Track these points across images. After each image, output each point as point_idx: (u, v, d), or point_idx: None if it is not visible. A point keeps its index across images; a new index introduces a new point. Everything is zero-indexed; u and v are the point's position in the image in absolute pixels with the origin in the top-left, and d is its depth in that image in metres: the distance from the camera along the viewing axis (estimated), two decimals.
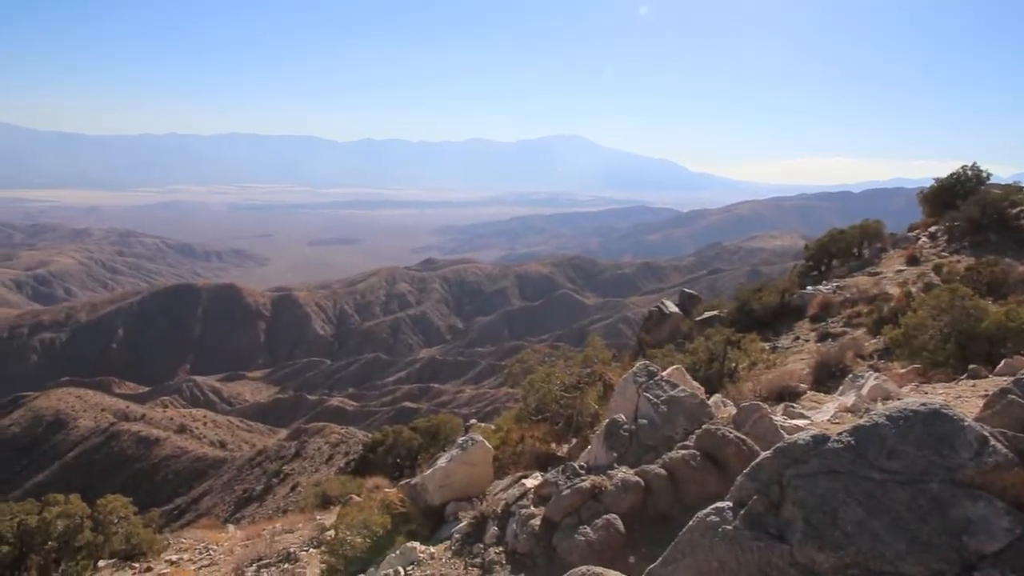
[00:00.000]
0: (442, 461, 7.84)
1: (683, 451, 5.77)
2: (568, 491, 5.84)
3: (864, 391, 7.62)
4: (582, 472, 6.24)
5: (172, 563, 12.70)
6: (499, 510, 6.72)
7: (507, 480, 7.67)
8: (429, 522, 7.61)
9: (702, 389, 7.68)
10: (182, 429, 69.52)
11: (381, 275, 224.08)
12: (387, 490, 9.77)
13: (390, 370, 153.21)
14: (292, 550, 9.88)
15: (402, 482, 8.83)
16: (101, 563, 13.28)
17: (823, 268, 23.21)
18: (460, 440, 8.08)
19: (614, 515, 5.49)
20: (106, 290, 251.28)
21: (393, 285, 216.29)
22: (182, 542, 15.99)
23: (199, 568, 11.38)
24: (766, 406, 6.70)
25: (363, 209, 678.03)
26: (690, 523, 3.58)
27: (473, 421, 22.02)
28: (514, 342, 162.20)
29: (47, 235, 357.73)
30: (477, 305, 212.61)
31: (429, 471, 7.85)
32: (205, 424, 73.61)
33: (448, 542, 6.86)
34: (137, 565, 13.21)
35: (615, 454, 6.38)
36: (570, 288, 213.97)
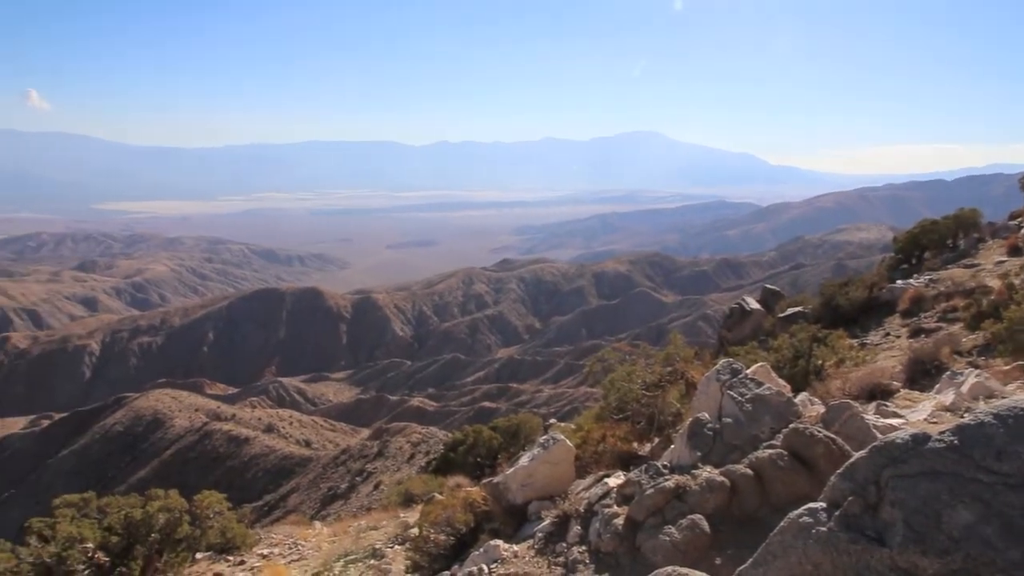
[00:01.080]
0: (524, 460, 7.85)
1: (770, 451, 5.63)
2: (652, 491, 5.78)
3: (964, 389, 7.26)
4: (665, 472, 6.15)
5: (264, 557, 13.15)
6: (582, 509, 6.69)
7: (589, 479, 7.63)
8: (512, 520, 7.64)
9: (788, 387, 7.46)
10: (270, 428, 71.83)
11: (458, 276, 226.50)
12: (469, 489, 9.86)
13: (469, 370, 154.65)
14: (377, 546, 10.08)
15: (484, 481, 8.89)
16: (199, 555, 13.86)
17: (914, 261, 22.17)
18: (541, 439, 8.07)
19: (699, 515, 5.41)
20: (196, 295, 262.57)
21: (470, 286, 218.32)
22: (272, 537, 16.54)
23: (289, 562, 11.72)
24: (857, 405, 6.45)
25: (439, 211, 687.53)
26: (781, 524, 3.47)
27: (552, 420, 22.02)
28: (592, 341, 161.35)
29: (143, 244, 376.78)
30: (554, 304, 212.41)
31: (511, 470, 7.88)
32: (291, 424, 75.89)
33: (531, 541, 6.87)
34: (231, 558, 13.74)
35: (699, 453, 6.27)
36: (648, 286, 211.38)
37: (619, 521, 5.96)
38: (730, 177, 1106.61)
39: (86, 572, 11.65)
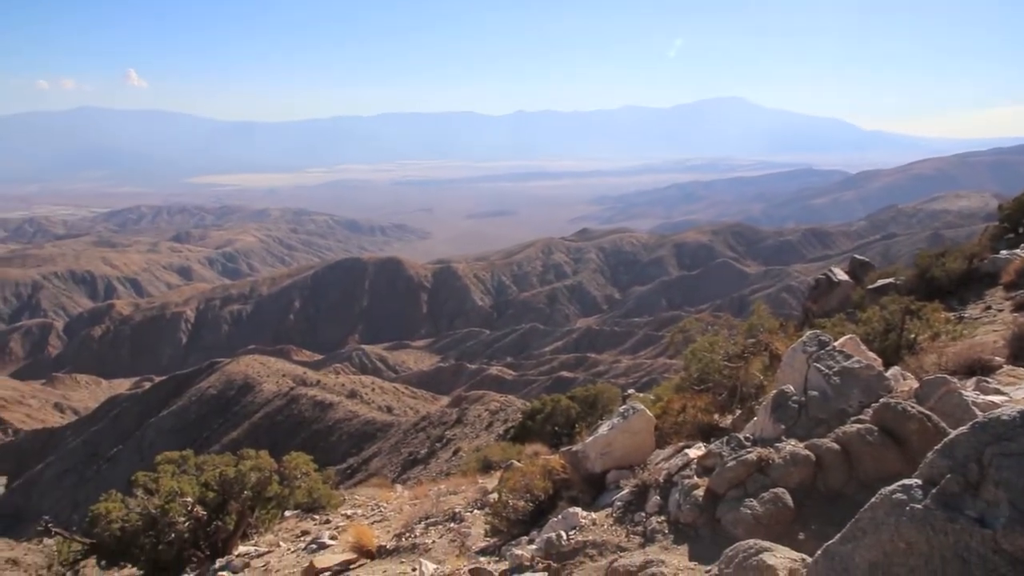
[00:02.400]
0: (603, 429, 7.84)
1: (858, 425, 5.45)
2: (733, 463, 5.68)
3: None
4: (748, 444, 6.04)
5: (348, 517, 13.62)
6: (661, 480, 6.65)
7: (669, 450, 7.56)
8: (590, 489, 7.65)
9: (879, 361, 7.18)
10: (353, 394, 73.96)
11: (537, 246, 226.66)
12: (548, 456, 9.92)
13: (547, 340, 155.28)
14: (457, 510, 10.27)
15: (563, 449, 8.92)
16: (287, 513, 14.49)
17: (1022, 230, 20.85)
18: (621, 409, 8.03)
19: (782, 489, 5.29)
20: (283, 265, 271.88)
21: (549, 256, 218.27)
22: (356, 498, 17.11)
23: (372, 523, 12.09)
24: (954, 380, 6.15)
25: (518, 181, 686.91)
26: (873, 500, 3.35)
27: (631, 391, 21.90)
28: (671, 312, 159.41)
29: (233, 216, 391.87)
30: (633, 275, 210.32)
31: (590, 439, 7.88)
32: (373, 390, 77.93)
33: (609, 509, 6.87)
34: (317, 517, 14.30)
35: (783, 427, 6.12)
36: (730, 256, 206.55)
37: (699, 493, 5.90)
38: (817, 143, 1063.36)
39: (186, 524, 12.36)
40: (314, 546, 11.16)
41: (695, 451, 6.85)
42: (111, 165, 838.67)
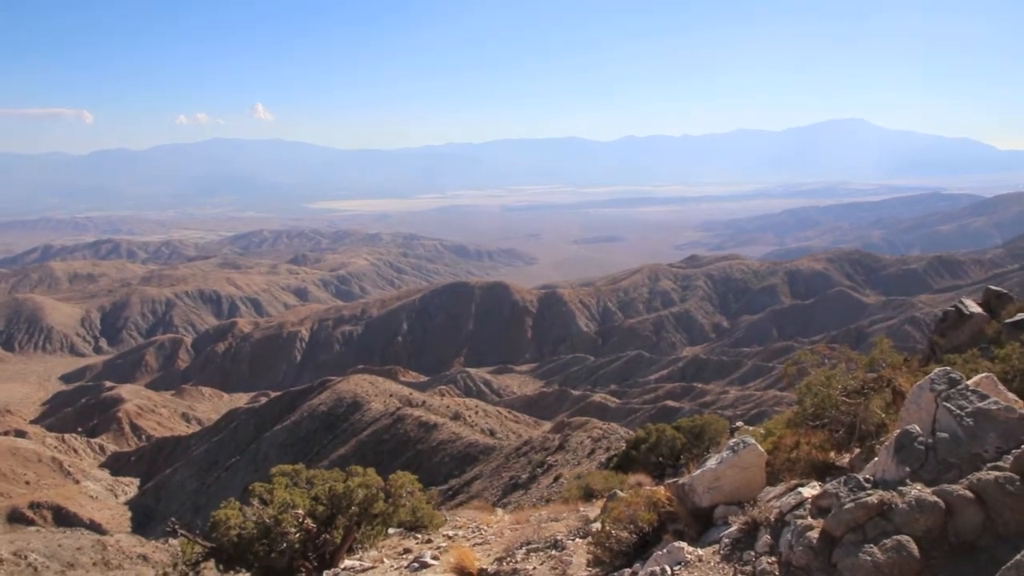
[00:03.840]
0: (712, 462, 7.61)
1: (996, 472, 5.05)
2: (851, 504, 5.38)
3: None
4: (867, 486, 5.70)
5: (449, 538, 13.77)
6: (772, 518, 6.37)
7: (780, 487, 7.25)
8: (696, 523, 7.43)
9: (1021, 403, 6.65)
10: (457, 416, 74.93)
11: (644, 272, 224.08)
12: (653, 488, 9.71)
13: (652, 368, 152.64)
14: (559, 538, 10.19)
15: (669, 481, 8.72)
16: (391, 531, 14.80)
17: None
18: (731, 442, 7.78)
19: (907, 537, 4.96)
20: (393, 288, 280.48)
21: (656, 282, 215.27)
22: (457, 520, 17.30)
23: (473, 545, 12.16)
24: None
25: (625, 207, 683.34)
26: (1017, 558, 3.08)
27: (739, 423, 21.20)
28: (783, 342, 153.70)
29: (347, 240, 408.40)
30: (743, 303, 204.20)
31: (698, 472, 7.66)
32: (477, 413, 78.74)
33: (716, 546, 6.65)
34: (419, 536, 14.54)
35: (907, 469, 5.74)
36: (847, 285, 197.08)
37: (813, 534, 5.61)
38: (946, 166, 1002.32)
39: (296, 535, 12.83)
40: (416, 565, 11.32)
41: (809, 490, 6.54)
42: (238, 191, 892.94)
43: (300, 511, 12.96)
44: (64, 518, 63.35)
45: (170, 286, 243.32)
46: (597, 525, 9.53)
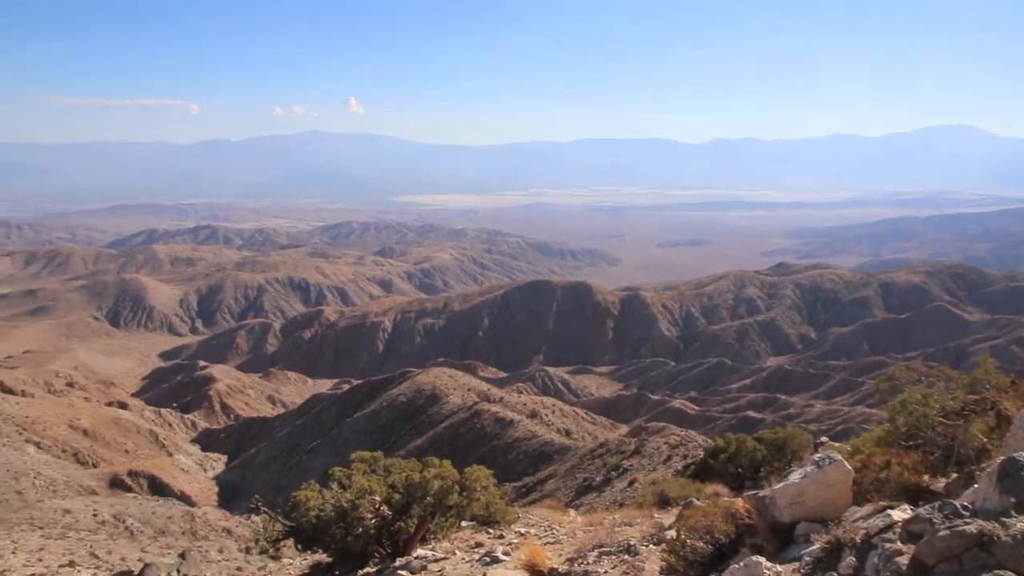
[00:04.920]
0: (795, 477, 7.35)
1: None
2: (947, 532, 5.08)
3: None
4: (965, 514, 5.39)
5: (521, 535, 13.79)
6: (858, 539, 6.10)
7: (868, 508, 6.94)
8: (776, 539, 7.19)
9: None
10: (533, 414, 75.05)
11: (729, 278, 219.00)
12: (732, 499, 9.46)
13: (734, 376, 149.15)
14: (632, 543, 10.05)
15: (749, 493, 8.47)
16: (464, 523, 14.95)
17: None
18: (816, 457, 7.49)
19: (1010, 572, 4.65)
20: (475, 283, 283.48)
21: (741, 289, 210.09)
22: (529, 517, 17.31)
23: (544, 544, 12.14)
24: None
25: (713, 210, 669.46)
26: None
27: (824, 439, 20.45)
28: (874, 357, 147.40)
29: (432, 234, 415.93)
30: (833, 314, 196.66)
31: (780, 485, 7.41)
32: (553, 412, 78.60)
33: (796, 564, 6.42)
34: (491, 531, 14.61)
35: (1012, 499, 5.39)
36: (947, 301, 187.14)
37: (902, 560, 5.34)
38: None
39: (373, 520, 13.13)
40: (487, 559, 11.38)
41: (900, 513, 6.23)
42: (329, 183, 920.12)
43: (377, 498, 13.25)
44: (158, 488, 66.76)
45: (262, 272, 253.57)
46: (672, 533, 9.35)
